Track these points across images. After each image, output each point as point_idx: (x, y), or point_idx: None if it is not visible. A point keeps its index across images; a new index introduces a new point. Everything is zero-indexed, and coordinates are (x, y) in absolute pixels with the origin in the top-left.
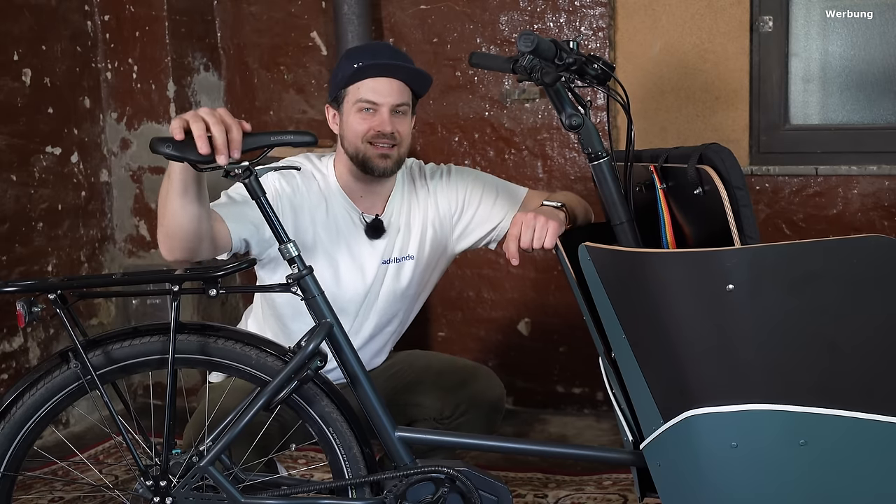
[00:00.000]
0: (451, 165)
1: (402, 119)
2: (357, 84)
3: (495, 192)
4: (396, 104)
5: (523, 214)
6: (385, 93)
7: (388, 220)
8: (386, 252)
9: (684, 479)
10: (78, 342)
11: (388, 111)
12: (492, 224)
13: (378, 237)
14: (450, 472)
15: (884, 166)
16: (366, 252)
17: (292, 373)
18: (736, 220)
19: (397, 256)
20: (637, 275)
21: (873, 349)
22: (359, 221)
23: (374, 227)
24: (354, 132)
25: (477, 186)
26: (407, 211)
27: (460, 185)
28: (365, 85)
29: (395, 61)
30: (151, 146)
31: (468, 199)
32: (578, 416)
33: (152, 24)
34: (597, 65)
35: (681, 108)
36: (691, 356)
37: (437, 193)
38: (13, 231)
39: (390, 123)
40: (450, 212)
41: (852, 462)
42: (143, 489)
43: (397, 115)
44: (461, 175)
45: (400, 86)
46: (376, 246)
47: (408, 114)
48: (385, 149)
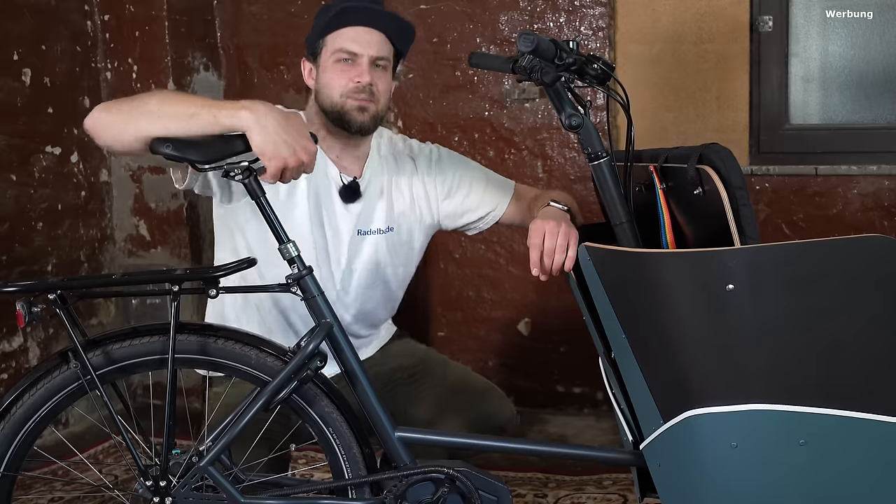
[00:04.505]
0: (439, 146)
1: (382, 74)
2: (336, 33)
3: (485, 180)
4: (377, 56)
5: (544, 222)
6: (365, 43)
7: (364, 185)
8: (363, 221)
9: (684, 479)
10: (78, 342)
11: (368, 62)
12: (482, 211)
13: (352, 201)
14: (450, 472)
15: (884, 166)
16: (339, 214)
17: (292, 373)
18: (736, 220)
19: (380, 228)
20: (637, 275)
21: (873, 349)
22: (336, 180)
23: (351, 190)
24: (332, 85)
25: (467, 171)
26: (388, 180)
27: (450, 166)
28: (344, 34)
29: (377, 6)
30: (151, 148)
31: (459, 182)
32: (578, 415)
33: (152, 24)
34: (597, 65)
35: (681, 108)
36: (691, 356)
37: (426, 170)
38: (13, 231)
39: (369, 74)
40: (438, 191)
41: (852, 462)
42: (143, 489)
43: (377, 70)
44: (451, 157)
45: (381, 38)
46: (350, 210)
47: (388, 70)
48: (363, 101)
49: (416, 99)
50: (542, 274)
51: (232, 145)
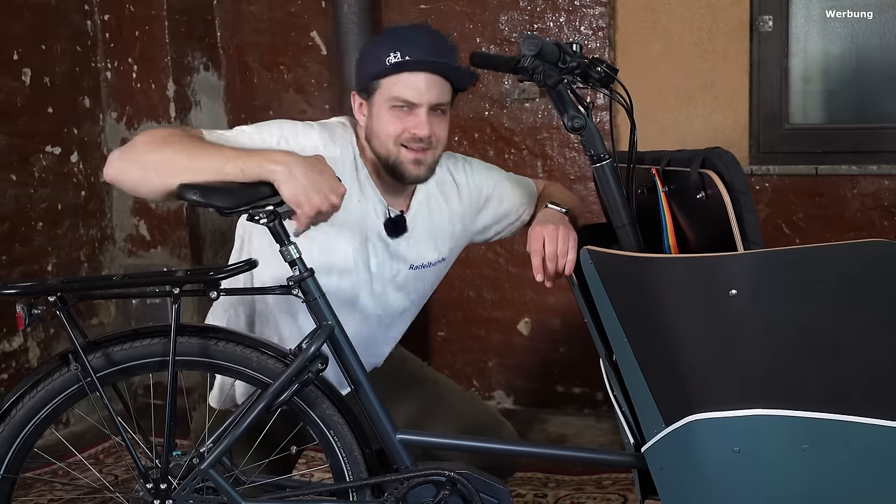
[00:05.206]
0: (465, 156)
1: (441, 119)
2: (392, 77)
3: (512, 187)
4: (436, 103)
5: (543, 227)
6: (424, 90)
7: (412, 218)
8: (414, 257)
9: (686, 483)
10: (78, 344)
11: (427, 111)
12: (511, 219)
13: (398, 235)
14: (450, 475)
15: (884, 166)
16: (384, 249)
17: (293, 375)
18: (739, 226)
19: (431, 261)
20: (639, 279)
21: (876, 354)
22: (382, 214)
23: (396, 224)
24: (387, 132)
25: (498, 180)
26: (437, 210)
27: (483, 179)
28: (401, 80)
29: (437, 58)
30: (179, 193)
31: (492, 193)
32: (578, 415)
33: (152, 24)
34: (600, 68)
35: (681, 108)
36: (694, 360)
37: (463, 187)
38: (13, 231)
39: (427, 125)
40: (475, 207)
41: (855, 467)
42: (143, 491)
43: (435, 115)
44: (481, 168)
45: (440, 82)
46: (399, 244)
47: (447, 113)
48: (419, 153)
49: None
50: (547, 280)
51: (257, 192)
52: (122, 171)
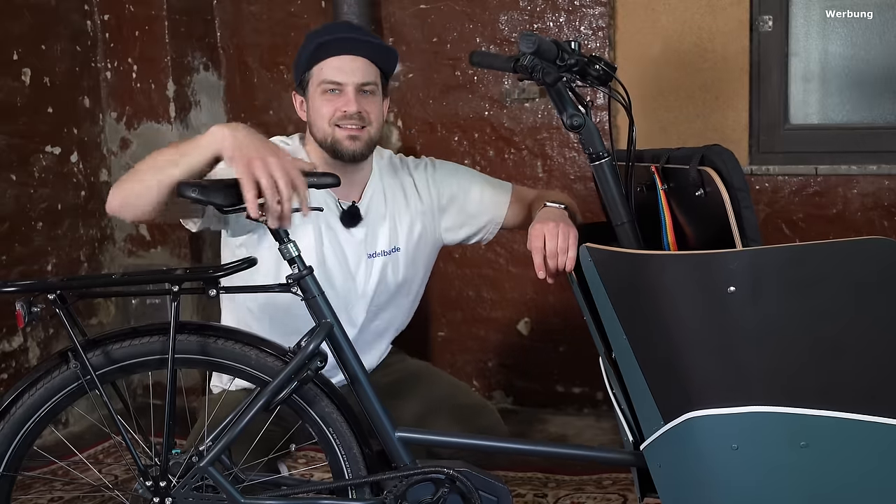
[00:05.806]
0: (433, 158)
1: (371, 99)
2: (319, 65)
3: (481, 188)
4: (362, 83)
5: (543, 224)
6: (349, 70)
7: (365, 208)
8: (369, 244)
9: (685, 481)
10: (77, 342)
11: (354, 90)
12: (482, 220)
13: (354, 225)
14: (450, 473)
15: (884, 166)
16: (344, 240)
17: (292, 373)
18: (737, 222)
19: (385, 249)
20: (638, 276)
21: (875, 351)
22: (334, 207)
23: (351, 214)
24: (321, 115)
25: (464, 181)
26: (391, 200)
27: (447, 178)
28: (328, 65)
29: (356, 35)
30: (179, 191)
31: (456, 193)
32: (578, 415)
33: (152, 24)
34: (599, 65)
35: (681, 108)
36: (692, 358)
37: (423, 186)
38: (13, 231)
39: (356, 103)
40: (437, 205)
41: (853, 464)
42: (143, 489)
43: (364, 95)
44: (446, 169)
45: (365, 63)
46: (354, 234)
47: (377, 93)
48: (353, 129)
49: (416, 99)
50: (549, 277)
51: None
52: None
